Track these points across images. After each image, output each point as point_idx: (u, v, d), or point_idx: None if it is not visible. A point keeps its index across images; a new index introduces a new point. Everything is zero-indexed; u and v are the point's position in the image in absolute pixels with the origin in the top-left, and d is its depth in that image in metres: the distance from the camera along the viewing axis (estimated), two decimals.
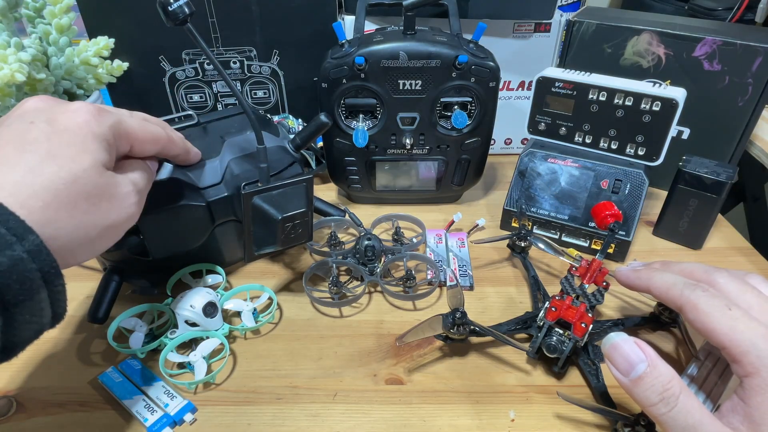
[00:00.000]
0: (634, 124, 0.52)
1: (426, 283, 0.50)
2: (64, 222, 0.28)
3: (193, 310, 0.42)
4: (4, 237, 0.25)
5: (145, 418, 0.37)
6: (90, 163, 0.30)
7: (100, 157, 0.31)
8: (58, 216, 0.28)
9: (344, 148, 0.58)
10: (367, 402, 0.40)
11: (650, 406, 0.30)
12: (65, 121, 0.30)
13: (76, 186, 0.29)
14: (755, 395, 0.29)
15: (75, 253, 0.30)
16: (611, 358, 0.32)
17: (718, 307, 0.31)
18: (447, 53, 0.52)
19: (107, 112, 0.32)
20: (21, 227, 0.25)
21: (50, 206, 0.27)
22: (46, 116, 0.30)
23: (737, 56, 0.54)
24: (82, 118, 0.30)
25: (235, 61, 0.65)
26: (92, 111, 0.31)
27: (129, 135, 0.34)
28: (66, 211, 0.28)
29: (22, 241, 0.25)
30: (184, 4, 0.35)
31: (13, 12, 0.53)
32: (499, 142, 0.74)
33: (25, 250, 0.25)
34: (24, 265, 0.25)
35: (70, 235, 0.29)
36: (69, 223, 0.29)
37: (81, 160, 0.29)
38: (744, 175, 0.85)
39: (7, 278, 0.24)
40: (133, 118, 0.35)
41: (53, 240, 0.27)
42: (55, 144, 0.29)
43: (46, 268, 0.26)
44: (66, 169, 0.29)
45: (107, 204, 0.31)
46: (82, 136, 0.30)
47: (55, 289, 0.27)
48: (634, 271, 0.39)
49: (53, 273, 0.27)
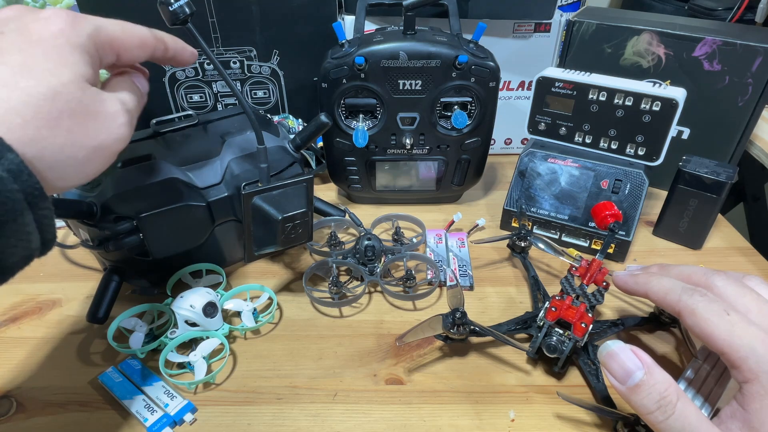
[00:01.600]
0: (634, 124, 0.52)
1: (426, 283, 0.50)
2: (48, 141, 0.26)
3: (193, 310, 0.42)
4: None
5: (145, 418, 0.37)
6: (70, 77, 0.27)
7: (81, 71, 0.28)
8: (39, 134, 0.26)
9: (344, 148, 0.58)
10: (367, 402, 0.40)
11: (648, 414, 0.30)
12: (38, 29, 0.28)
13: (57, 102, 0.27)
14: (754, 401, 0.29)
15: (63, 175, 0.28)
16: (608, 366, 0.32)
17: (716, 312, 0.31)
18: (447, 53, 0.52)
19: (84, 18, 0.30)
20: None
21: (30, 123, 0.26)
22: (16, 25, 0.28)
23: (737, 56, 0.54)
24: (56, 27, 0.28)
25: (235, 61, 0.65)
26: (66, 18, 0.29)
27: (112, 42, 0.31)
28: (48, 129, 0.26)
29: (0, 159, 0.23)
30: (184, 4, 0.35)
31: None
32: (499, 142, 0.74)
33: (5, 169, 0.23)
34: (3, 184, 0.23)
35: (55, 155, 0.27)
36: (53, 142, 0.27)
37: (60, 74, 0.27)
38: (744, 175, 0.85)
39: None
40: (113, 22, 0.32)
41: (37, 160, 0.26)
42: (29, 56, 0.27)
43: (29, 189, 0.25)
44: (44, 83, 0.26)
45: (93, 122, 0.29)
46: (59, 46, 0.28)
47: (41, 213, 0.26)
48: (631, 276, 0.38)
49: (37, 195, 0.25)
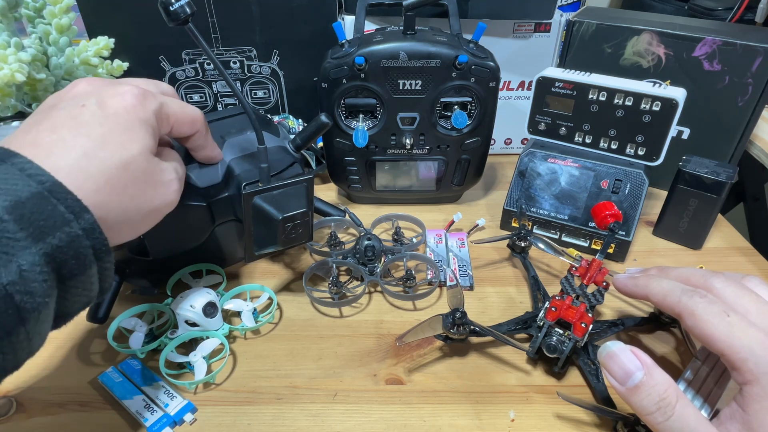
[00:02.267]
0: (634, 124, 0.52)
1: (426, 283, 0.50)
2: (114, 204, 0.30)
3: (193, 310, 0.42)
4: (63, 215, 0.26)
5: (145, 418, 0.37)
6: (139, 150, 0.32)
7: (147, 143, 0.32)
8: (108, 199, 0.30)
9: (344, 148, 0.58)
10: (367, 402, 0.40)
11: (647, 415, 0.30)
12: (114, 104, 0.32)
13: (126, 171, 0.31)
14: (753, 403, 0.29)
15: (120, 233, 0.32)
16: (608, 367, 0.32)
17: (715, 314, 0.31)
18: (447, 53, 0.52)
19: (151, 95, 0.34)
20: (78, 206, 0.27)
21: (102, 189, 0.29)
22: (96, 99, 0.32)
23: (737, 56, 0.54)
24: (129, 103, 0.32)
25: (235, 61, 0.65)
26: (137, 95, 0.33)
27: (170, 118, 0.36)
28: (116, 194, 0.30)
29: (79, 219, 0.27)
30: (185, 3, 0.35)
31: (13, 12, 0.53)
32: (499, 142, 0.74)
33: (81, 228, 0.27)
34: (80, 241, 0.27)
35: (117, 217, 0.31)
36: (117, 205, 0.31)
37: (131, 147, 0.31)
38: (744, 175, 0.85)
39: (65, 254, 0.26)
40: (173, 100, 0.37)
41: (102, 221, 0.29)
42: (106, 129, 0.31)
43: (98, 245, 0.28)
44: (118, 155, 0.30)
45: (153, 189, 0.33)
46: (131, 121, 0.32)
47: (105, 265, 0.29)
48: (631, 279, 0.39)
49: (104, 250, 0.29)
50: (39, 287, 0.25)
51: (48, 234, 0.26)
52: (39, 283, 0.25)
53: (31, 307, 0.25)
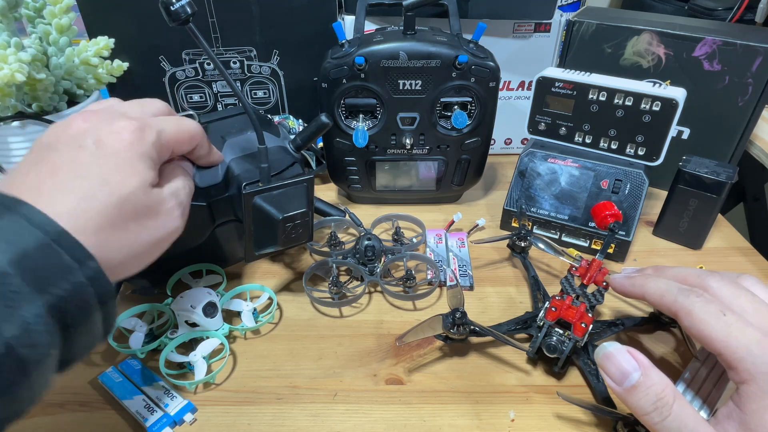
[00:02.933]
0: (634, 124, 0.52)
1: (426, 283, 0.50)
2: (115, 243, 0.30)
3: (193, 310, 0.42)
4: (67, 263, 0.26)
5: (145, 418, 0.37)
6: (137, 185, 0.31)
7: (145, 177, 0.32)
8: (109, 238, 0.29)
9: (344, 148, 0.58)
10: (367, 402, 0.40)
11: (644, 415, 0.30)
12: (112, 142, 0.31)
13: (125, 208, 0.30)
14: (750, 402, 0.29)
15: (124, 268, 0.32)
16: (605, 367, 0.32)
17: (712, 313, 0.31)
18: (447, 53, 0.52)
19: (148, 127, 0.33)
20: (81, 253, 0.27)
21: (103, 230, 0.29)
22: (93, 139, 0.31)
23: (737, 56, 0.54)
24: (126, 139, 0.32)
25: (235, 61, 0.65)
26: (134, 131, 0.32)
27: (169, 143, 0.35)
28: (117, 232, 0.30)
29: (82, 266, 0.26)
30: (186, 3, 0.35)
31: (13, 12, 0.53)
32: (499, 142, 0.74)
33: (85, 276, 0.26)
34: (84, 289, 0.26)
35: (120, 253, 0.30)
36: (119, 243, 0.30)
37: (129, 183, 0.31)
38: (744, 175, 0.85)
39: (69, 303, 0.26)
40: (169, 123, 0.36)
41: (105, 261, 0.28)
42: (105, 169, 0.30)
43: (102, 291, 0.27)
44: (116, 193, 0.30)
45: (153, 222, 0.33)
46: (129, 158, 0.31)
47: (108, 310, 0.29)
48: (628, 278, 0.39)
49: (108, 296, 0.28)
50: (43, 339, 0.25)
51: (52, 285, 0.25)
52: (43, 334, 0.25)
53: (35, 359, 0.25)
